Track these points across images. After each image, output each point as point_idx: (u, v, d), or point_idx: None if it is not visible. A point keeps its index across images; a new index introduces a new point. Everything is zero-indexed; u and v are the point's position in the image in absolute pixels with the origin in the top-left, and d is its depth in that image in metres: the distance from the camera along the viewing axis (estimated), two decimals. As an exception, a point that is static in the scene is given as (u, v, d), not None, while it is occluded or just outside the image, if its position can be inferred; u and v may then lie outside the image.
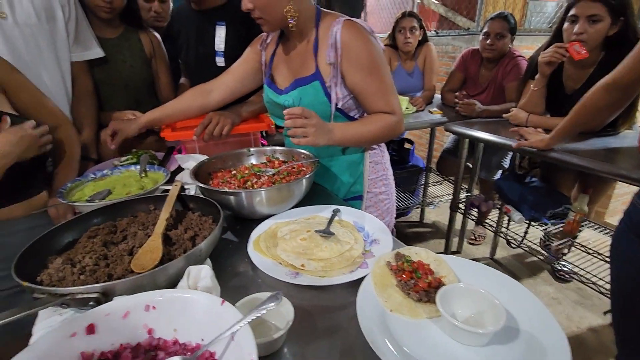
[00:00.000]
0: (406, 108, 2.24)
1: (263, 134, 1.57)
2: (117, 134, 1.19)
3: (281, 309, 0.56)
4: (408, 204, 2.68)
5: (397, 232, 0.99)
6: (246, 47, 1.19)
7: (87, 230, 0.76)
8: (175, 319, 0.51)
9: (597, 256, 1.64)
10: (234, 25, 1.35)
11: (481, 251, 2.56)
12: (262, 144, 1.46)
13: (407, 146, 2.81)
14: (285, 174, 0.99)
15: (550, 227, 1.79)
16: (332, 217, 0.84)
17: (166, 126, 1.25)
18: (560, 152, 1.43)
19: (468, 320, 0.56)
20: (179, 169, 1.17)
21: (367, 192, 1.13)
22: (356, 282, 0.64)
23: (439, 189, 2.95)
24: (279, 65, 1.09)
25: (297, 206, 0.93)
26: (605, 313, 1.87)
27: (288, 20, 0.94)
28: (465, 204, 2.22)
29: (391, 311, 0.58)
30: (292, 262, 0.70)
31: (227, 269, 0.74)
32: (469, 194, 2.33)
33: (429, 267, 0.64)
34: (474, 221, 2.70)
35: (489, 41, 2.13)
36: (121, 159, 1.20)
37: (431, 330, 0.56)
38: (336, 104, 1.00)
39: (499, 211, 2.26)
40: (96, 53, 1.35)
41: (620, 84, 1.06)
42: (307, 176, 0.89)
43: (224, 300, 0.50)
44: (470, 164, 2.35)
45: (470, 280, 0.64)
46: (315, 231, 0.77)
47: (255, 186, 0.92)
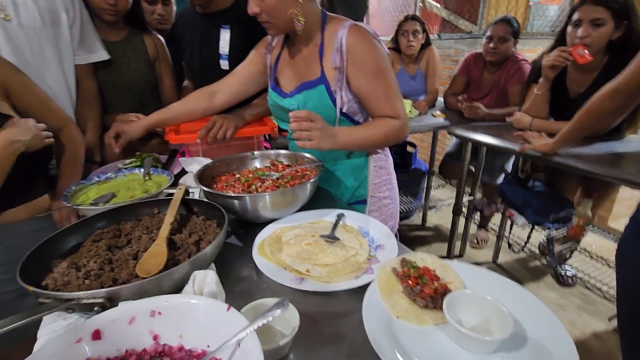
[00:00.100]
0: (409, 111, 2.24)
1: (266, 137, 1.57)
2: (121, 136, 1.18)
3: (286, 314, 0.56)
4: (410, 208, 2.67)
5: (400, 235, 0.99)
6: (250, 50, 1.19)
7: (91, 234, 0.76)
8: (181, 325, 0.51)
9: (601, 261, 1.63)
10: (238, 29, 1.35)
11: (484, 255, 2.55)
12: (265, 147, 1.46)
13: (410, 149, 2.80)
14: (290, 177, 0.99)
15: (554, 232, 1.79)
16: (337, 221, 0.84)
17: (170, 129, 1.25)
18: (564, 156, 1.43)
19: (475, 327, 0.55)
20: (183, 171, 1.17)
21: (371, 196, 1.13)
22: (361, 288, 0.63)
23: (441, 192, 2.95)
24: (283, 69, 1.10)
25: (301, 210, 0.92)
26: (610, 319, 1.85)
27: (295, 23, 0.94)
28: (468, 207, 2.21)
29: (397, 318, 0.57)
30: (297, 268, 0.69)
31: (232, 273, 0.74)
32: (472, 197, 2.32)
33: (434, 273, 0.64)
34: (477, 225, 2.70)
35: (492, 45, 2.13)
36: (125, 162, 1.20)
37: (438, 337, 0.55)
38: (341, 108, 1.00)
39: (501, 215, 2.26)
40: (101, 56, 1.36)
41: (625, 90, 1.07)
42: (311, 180, 0.89)
43: (229, 306, 0.50)
44: (473, 168, 2.34)
45: (475, 286, 0.64)
46: (320, 236, 0.77)
47: (259, 190, 0.92)
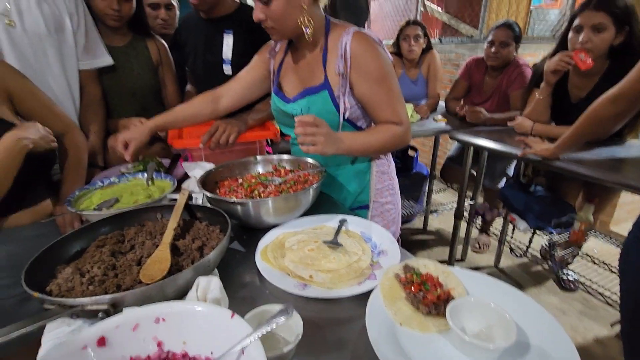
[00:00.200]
0: (410, 116, 2.24)
1: (268, 142, 1.57)
2: (130, 143, 1.11)
3: (290, 321, 0.56)
4: (412, 212, 2.67)
5: (401, 239, 0.99)
6: (253, 56, 1.20)
7: (95, 240, 0.76)
8: (185, 331, 0.51)
9: (602, 266, 1.63)
10: (241, 34, 1.36)
11: (485, 259, 2.55)
12: (268, 151, 1.46)
13: (411, 153, 2.81)
14: (292, 183, 0.99)
15: (555, 237, 1.78)
16: (340, 227, 0.84)
17: (173, 134, 1.25)
18: (566, 161, 1.43)
19: (478, 334, 0.55)
20: (185, 176, 1.17)
21: (373, 201, 1.13)
22: (364, 294, 0.63)
23: (443, 196, 2.95)
24: (287, 74, 1.10)
25: (304, 215, 0.93)
26: (612, 325, 1.84)
27: (304, 30, 0.94)
28: (469, 212, 2.21)
29: (401, 324, 0.58)
30: (300, 274, 0.69)
31: (235, 279, 0.74)
32: (473, 202, 2.32)
33: (437, 280, 0.64)
34: (478, 229, 2.70)
35: (493, 49, 2.14)
36: (128, 167, 1.20)
37: (441, 345, 0.55)
38: (344, 114, 1.00)
39: (503, 220, 2.25)
40: (105, 61, 1.37)
41: (626, 96, 1.07)
42: (314, 186, 0.89)
43: (233, 313, 0.50)
44: (475, 172, 2.34)
45: (477, 292, 0.64)
46: (322, 242, 0.77)
47: (262, 195, 0.93)
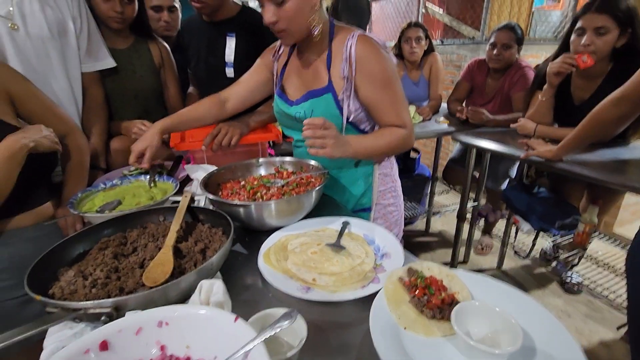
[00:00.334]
0: (412, 117, 2.24)
1: (270, 144, 1.57)
2: (146, 152, 1.06)
3: (293, 325, 0.55)
4: (414, 213, 2.66)
5: (404, 241, 0.98)
6: (255, 59, 1.20)
7: (97, 242, 0.76)
8: (188, 335, 0.51)
9: (607, 268, 1.62)
10: (243, 37, 1.36)
11: (488, 261, 2.53)
12: (270, 153, 1.46)
13: (413, 155, 2.80)
14: (295, 185, 0.99)
15: (559, 239, 1.77)
16: (342, 229, 0.84)
17: (175, 136, 1.25)
18: (569, 163, 1.42)
19: (484, 339, 0.55)
20: (187, 178, 1.17)
21: (375, 203, 1.13)
22: (368, 298, 0.63)
23: (445, 198, 2.94)
24: (290, 77, 1.10)
25: (306, 217, 0.92)
26: (618, 328, 1.83)
27: (314, 29, 0.94)
28: (472, 213, 2.20)
29: (405, 328, 0.57)
30: (303, 277, 0.69)
31: (237, 281, 0.73)
32: (476, 203, 2.31)
33: (442, 283, 0.63)
34: (481, 231, 2.69)
35: (495, 51, 2.13)
36: (130, 169, 1.20)
37: (446, 349, 0.55)
38: (348, 117, 1.00)
39: (506, 221, 2.24)
40: (108, 63, 1.37)
41: (630, 98, 1.07)
42: (317, 188, 0.89)
43: (237, 316, 0.49)
44: (477, 174, 2.33)
45: (480, 295, 0.63)
46: (325, 244, 0.77)
47: (264, 198, 0.92)
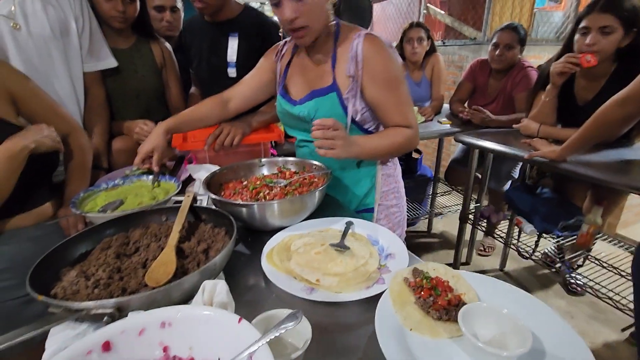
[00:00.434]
0: (414, 118, 2.23)
1: (272, 144, 1.57)
2: (155, 153, 1.06)
3: (297, 326, 0.54)
4: (416, 214, 2.66)
5: (406, 242, 0.97)
6: (257, 59, 1.19)
7: (100, 242, 0.75)
8: (191, 336, 0.50)
9: (612, 270, 1.61)
10: (246, 37, 1.36)
11: (491, 262, 2.52)
12: (272, 153, 1.46)
13: (415, 156, 2.79)
14: (297, 185, 0.98)
15: (562, 240, 1.76)
16: (346, 230, 0.83)
17: (177, 136, 1.25)
18: (573, 163, 1.41)
19: (491, 341, 0.54)
20: (189, 178, 1.17)
21: (378, 204, 1.12)
22: (373, 298, 0.62)
23: (447, 199, 2.92)
24: (293, 76, 1.09)
25: (309, 217, 0.92)
26: (623, 329, 1.81)
27: (330, 26, 0.95)
28: (475, 214, 2.19)
29: (411, 330, 0.56)
30: (307, 277, 0.68)
31: (240, 282, 0.73)
32: (478, 204, 2.30)
33: (447, 284, 0.63)
34: (483, 232, 2.67)
35: (498, 52, 2.13)
36: (133, 169, 1.19)
37: (453, 351, 0.54)
38: (353, 116, 0.99)
39: (509, 222, 2.23)
40: (109, 63, 1.37)
41: (635, 98, 1.06)
42: (320, 188, 0.88)
43: (241, 317, 0.49)
44: (479, 174, 2.32)
45: (486, 296, 0.63)
46: (329, 245, 0.76)
47: (267, 198, 0.92)
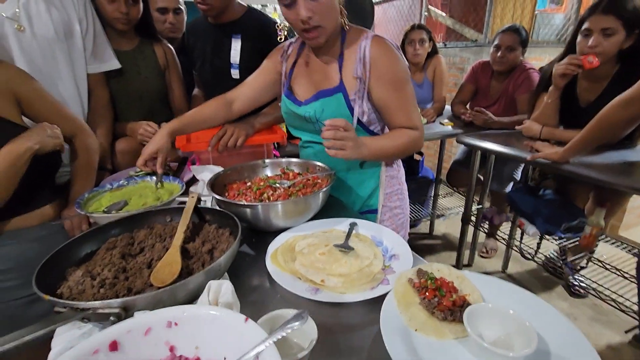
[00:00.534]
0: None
1: (275, 145, 1.57)
2: (159, 155, 1.05)
3: (303, 326, 0.55)
4: (418, 216, 2.65)
5: (408, 244, 0.97)
6: (259, 60, 1.19)
7: (105, 242, 0.75)
8: (198, 336, 0.50)
9: (615, 272, 1.60)
10: (249, 38, 1.37)
11: (493, 264, 2.52)
12: (275, 154, 1.46)
13: (417, 157, 2.79)
14: (301, 186, 0.98)
15: (565, 241, 1.76)
16: (350, 230, 0.83)
17: (181, 137, 1.25)
18: (576, 165, 1.41)
19: (496, 342, 0.54)
20: (193, 179, 1.17)
21: (382, 205, 1.12)
22: (377, 299, 0.62)
23: (449, 200, 2.92)
24: (299, 77, 1.09)
25: (313, 218, 0.92)
26: (627, 331, 1.81)
27: (343, 26, 0.96)
28: (477, 216, 2.19)
29: (416, 330, 0.56)
30: (311, 278, 0.68)
31: (245, 282, 0.73)
32: (481, 206, 2.30)
33: (452, 285, 0.63)
34: (485, 234, 2.67)
35: (499, 54, 2.13)
36: (136, 169, 1.20)
37: (458, 352, 0.54)
38: (360, 117, 0.99)
39: (511, 224, 2.23)
40: (113, 65, 1.37)
41: (638, 99, 1.06)
42: (323, 189, 0.89)
43: (247, 317, 0.49)
44: (481, 176, 2.32)
45: (492, 297, 0.63)
46: (334, 245, 0.76)
47: (271, 199, 0.92)
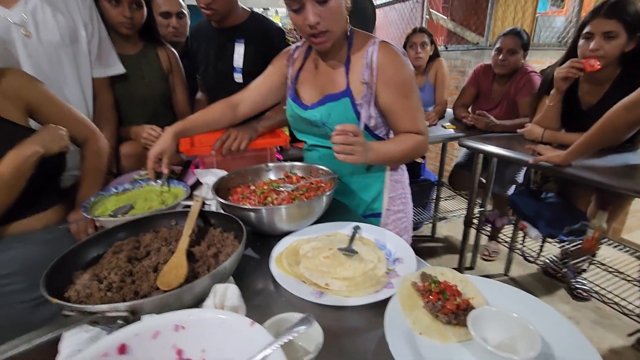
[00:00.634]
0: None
1: (278, 149, 1.58)
2: (164, 157, 1.05)
3: (309, 329, 0.55)
4: (420, 219, 2.66)
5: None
6: (262, 64, 1.20)
7: (111, 246, 0.76)
8: (204, 339, 0.51)
9: (618, 275, 1.60)
10: (252, 43, 1.38)
11: (495, 267, 2.52)
12: (278, 158, 1.47)
13: (419, 160, 2.80)
14: (305, 190, 0.99)
15: (567, 245, 1.76)
16: (354, 234, 0.84)
17: (184, 141, 1.26)
18: (578, 168, 1.41)
19: (500, 345, 0.54)
20: (197, 183, 1.18)
21: (386, 209, 1.12)
22: (381, 303, 0.63)
23: (451, 203, 2.92)
24: (305, 81, 1.09)
25: (317, 222, 0.92)
26: (630, 335, 1.80)
27: (349, 31, 0.97)
28: (479, 219, 2.19)
29: (420, 334, 0.57)
30: (316, 281, 0.69)
31: (249, 286, 0.73)
32: (483, 209, 2.30)
33: (456, 289, 0.63)
34: (487, 236, 2.67)
35: (501, 57, 2.14)
36: (141, 173, 1.21)
37: (462, 355, 0.54)
38: (366, 122, 1.00)
39: (513, 227, 2.23)
40: (117, 69, 1.39)
41: None
42: (327, 193, 0.89)
43: (253, 321, 0.49)
44: (483, 179, 2.32)
45: (496, 300, 0.63)
46: (337, 249, 0.77)
47: (275, 202, 0.93)
